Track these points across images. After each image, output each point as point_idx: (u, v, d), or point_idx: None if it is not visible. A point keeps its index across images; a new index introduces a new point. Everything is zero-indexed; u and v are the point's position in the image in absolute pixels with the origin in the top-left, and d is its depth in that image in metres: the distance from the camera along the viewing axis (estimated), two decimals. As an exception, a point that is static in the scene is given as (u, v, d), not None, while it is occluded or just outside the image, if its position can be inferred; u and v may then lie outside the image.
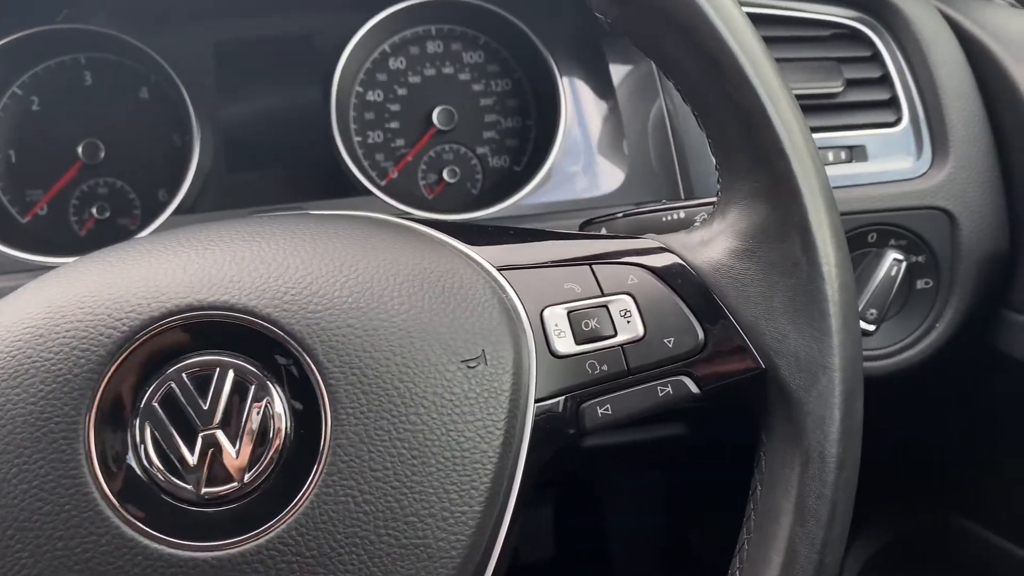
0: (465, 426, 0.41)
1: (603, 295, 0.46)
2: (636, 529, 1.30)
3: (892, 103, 0.78)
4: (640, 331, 0.45)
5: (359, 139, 0.84)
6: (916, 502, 1.01)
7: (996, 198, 0.75)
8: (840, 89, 0.77)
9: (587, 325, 0.45)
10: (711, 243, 0.46)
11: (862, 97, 0.77)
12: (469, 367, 0.42)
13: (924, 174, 0.76)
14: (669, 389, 0.45)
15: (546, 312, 0.45)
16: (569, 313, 0.45)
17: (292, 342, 0.40)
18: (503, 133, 0.86)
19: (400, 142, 0.85)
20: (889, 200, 0.75)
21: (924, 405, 0.92)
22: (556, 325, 0.45)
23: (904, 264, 0.73)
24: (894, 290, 0.73)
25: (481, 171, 0.86)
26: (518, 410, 0.42)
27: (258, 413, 0.40)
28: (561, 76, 0.81)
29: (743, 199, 0.45)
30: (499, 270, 0.46)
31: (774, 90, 0.44)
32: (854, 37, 0.79)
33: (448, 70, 0.86)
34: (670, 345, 0.45)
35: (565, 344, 0.45)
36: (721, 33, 0.43)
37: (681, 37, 0.44)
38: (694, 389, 0.45)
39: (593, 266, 0.46)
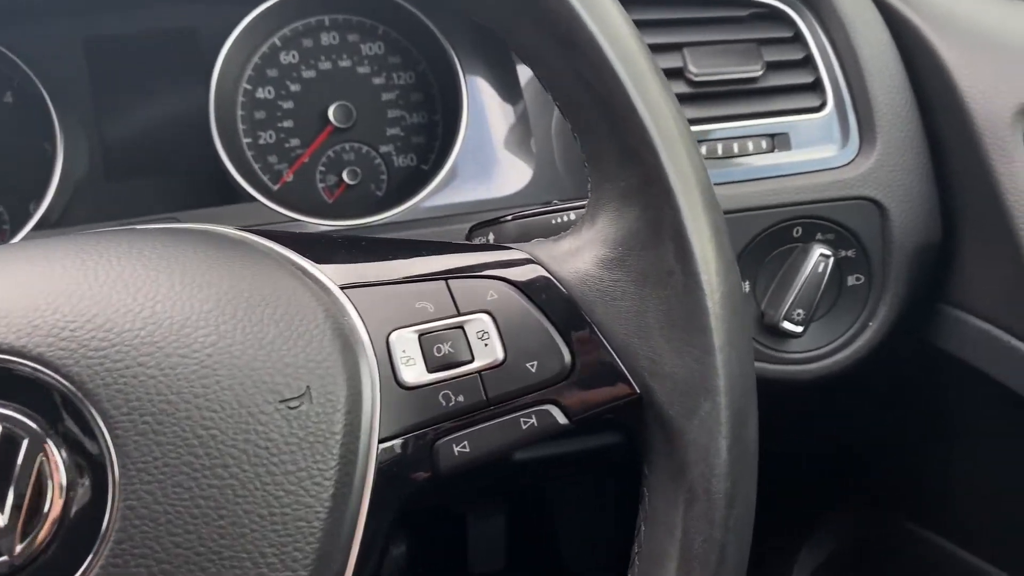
0: (285, 477, 0.35)
1: (459, 314, 0.40)
2: (588, 539, 1.26)
3: (816, 87, 0.72)
4: (499, 355, 0.39)
5: (249, 140, 0.77)
6: (862, 506, 0.97)
7: (926, 185, 0.70)
8: (760, 73, 0.71)
9: (440, 350, 0.39)
10: (580, 252, 0.40)
11: (784, 81, 0.72)
12: (290, 408, 0.36)
13: (851, 162, 0.70)
14: (533, 420, 0.39)
15: (393, 336, 0.39)
16: (420, 336, 0.39)
17: (70, 387, 0.34)
18: (408, 130, 0.80)
19: (295, 142, 0.79)
20: (814, 191, 0.69)
21: (862, 406, 0.88)
22: (404, 351, 0.39)
23: (832, 259, 0.68)
24: (821, 288, 0.68)
25: (386, 171, 0.80)
26: (354, 454, 0.37)
27: (32, 473, 0.33)
28: (464, 69, 0.75)
29: (612, 201, 0.39)
30: (342, 289, 0.40)
31: (641, 75, 0.38)
32: (774, 17, 0.74)
33: (345, 63, 0.79)
34: (533, 370, 0.39)
35: (414, 373, 0.39)
36: (577, 11, 0.37)
37: (533, 19, 0.38)
38: (562, 420, 0.39)
39: (449, 281, 0.40)
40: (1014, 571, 0.82)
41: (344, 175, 0.79)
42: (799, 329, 0.69)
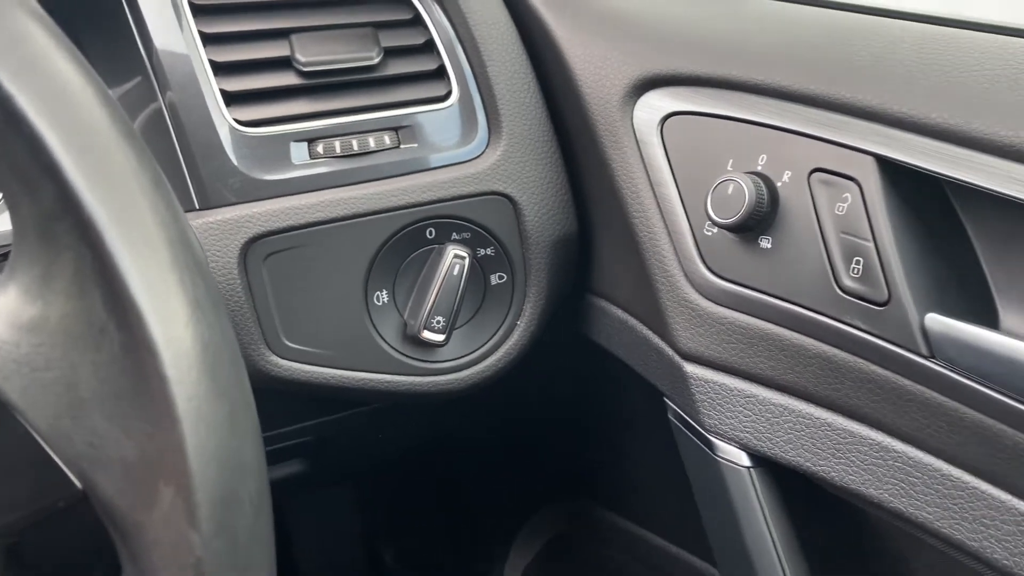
0: None
1: None
2: (327, 550, 1.18)
3: (440, 74, 0.67)
4: None
5: None
6: (565, 502, 0.95)
7: (556, 176, 0.66)
8: (377, 60, 0.64)
9: None
10: None
11: (405, 68, 0.66)
12: None
13: (481, 155, 0.66)
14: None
15: None
16: None
17: None
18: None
19: None
20: (444, 188, 0.64)
21: (539, 402, 0.85)
22: None
23: (467, 260, 0.63)
24: (459, 291, 0.63)
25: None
26: None
27: None
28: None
29: (31, 233, 0.30)
30: None
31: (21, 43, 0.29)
32: (391, -2, 0.67)
33: None
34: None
35: None
36: None
37: None
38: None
39: None
40: (692, 548, 0.83)
41: None
42: (440, 338, 0.64)
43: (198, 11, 0.61)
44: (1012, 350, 0.43)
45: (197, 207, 0.61)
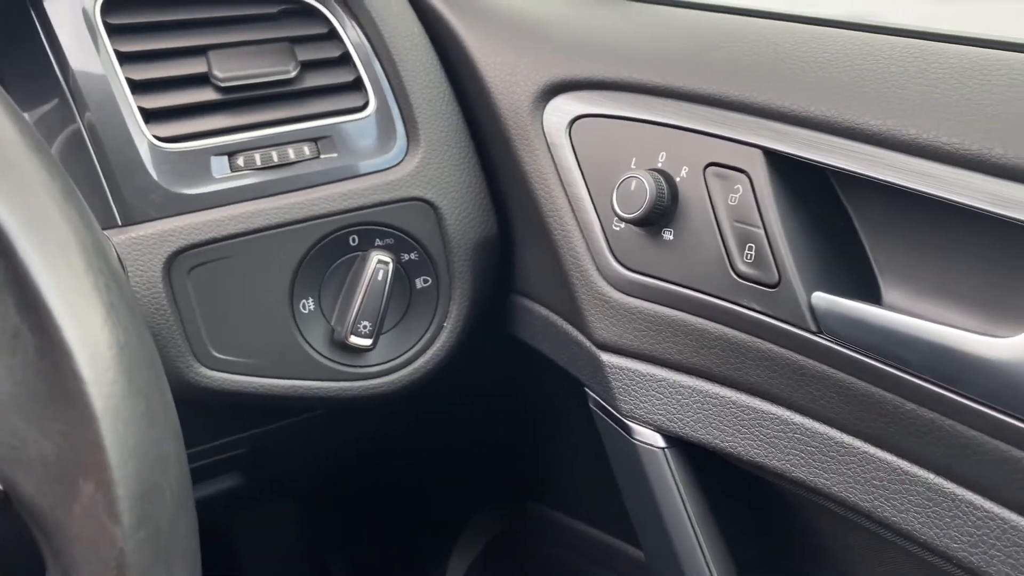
0: None
1: None
2: (273, 565, 1.18)
3: (357, 85, 0.68)
4: None
5: None
6: (507, 501, 0.97)
7: (474, 180, 0.69)
8: (293, 73, 0.66)
9: None
10: None
11: (322, 81, 0.67)
12: None
13: (400, 162, 0.68)
14: None
15: None
16: None
17: None
18: None
19: None
20: (365, 195, 0.66)
21: (471, 403, 0.87)
22: None
23: (391, 265, 0.65)
24: (385, 296, 0.65)
25: None
26: None
27: None
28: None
29: None
30: None
31: None
32: (306, 13, 0.69)
33: None
34: None
35: None
36: None
37: None
38: None
39: None
40: (629, 539, 0.85)
41: None
42: (368, 342, 0.65)
43: (114, 31, 0.62)
44: (890, 322, 0.46)
45: (120, 223, 0.62)
